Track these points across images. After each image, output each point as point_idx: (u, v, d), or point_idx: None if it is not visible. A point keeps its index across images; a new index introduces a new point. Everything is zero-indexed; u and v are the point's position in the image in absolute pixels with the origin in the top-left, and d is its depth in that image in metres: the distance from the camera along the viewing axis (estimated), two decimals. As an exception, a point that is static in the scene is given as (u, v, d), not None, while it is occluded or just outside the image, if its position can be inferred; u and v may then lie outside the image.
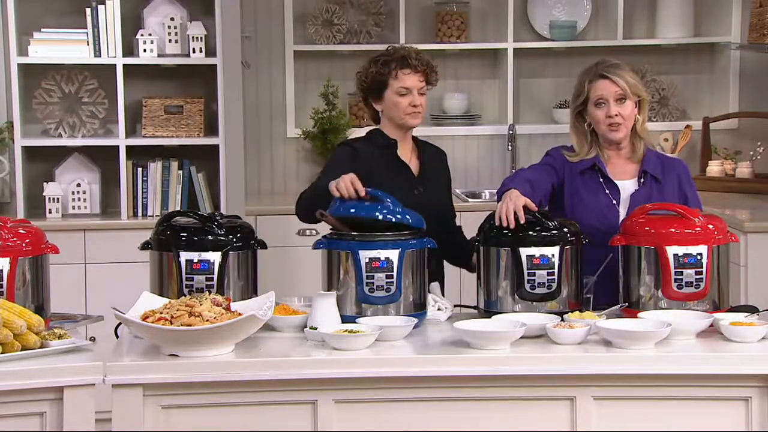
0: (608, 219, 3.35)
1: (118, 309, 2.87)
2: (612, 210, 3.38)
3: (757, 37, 5.16)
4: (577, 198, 3.40)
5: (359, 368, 2.83)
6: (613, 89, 3.34)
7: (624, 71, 3.37)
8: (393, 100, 3.44)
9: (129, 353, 2.89)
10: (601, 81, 3.36)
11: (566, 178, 3.42)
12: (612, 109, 3.35)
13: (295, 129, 5.58)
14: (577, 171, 3.42)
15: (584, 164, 3.42)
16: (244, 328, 2.84)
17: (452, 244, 3.46)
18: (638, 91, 3.37)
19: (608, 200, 3.39)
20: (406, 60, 3.42)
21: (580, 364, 2.85)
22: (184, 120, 4.99)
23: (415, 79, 3.43)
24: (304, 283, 4.52)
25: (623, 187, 3.41)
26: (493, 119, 5.71)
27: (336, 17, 5.54)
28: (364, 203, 3.13)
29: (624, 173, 3.43)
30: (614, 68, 3.37)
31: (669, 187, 3.41)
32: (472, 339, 2.90)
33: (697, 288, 3.06)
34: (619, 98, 3.34)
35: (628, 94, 3.34)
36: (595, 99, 3.36)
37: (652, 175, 3.41)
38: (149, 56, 4.92)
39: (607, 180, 3.41)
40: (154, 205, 4.96)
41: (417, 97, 3.43)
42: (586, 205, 3.38)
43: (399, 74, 3.42)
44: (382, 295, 3.05)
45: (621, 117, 3.35)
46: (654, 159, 3.43)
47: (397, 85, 3.42)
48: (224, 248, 3.09)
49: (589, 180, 3.41)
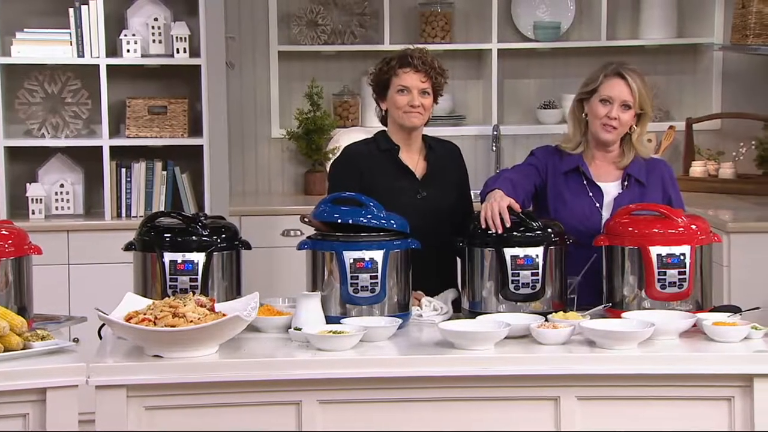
0: (591, 222, 3.36)
1: (101, 310, 2.86)
2: (595, 213, 3.39)
3: (739, 38, 5.18)
4: (560, 200, 3.40)
5: (344, 369, 2.83)
6: (624, 94, 3.33)
7: (641, 81, 3.36)
8: (393, 99, 3.44)
9: (112, 354, 2.88)
10: (617, 79, 3.35)
11: (549, 178, 3.43)
12: (613, 111, 3.35)
13: (279, 129, 5.58)
14: (560, 172, 3.43)
15: (568, 165, 3.43)
16: (228, 329, 2.84)
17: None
18: (644, 104, 3.37)
19: (591, 203, 3.40)
20: (406, 58, 3.43)
21: (564, 365, 2.86)
22: (168, 120, 4.98)
23: (416, 79, 3.42)
24: (289, 283, 4.51)
25: (606, 190, 3.42)
26: (477, 120, 5.72)
27: (320, 18, 5.54)
28: (348, 208, 3.13)
29: (608, 175, 3.43)
30: (634, 74, 3.37)
31: (653, 190, 3.42)
32: (456, 339, 2.91)
33: (680, 288, 3.08)
34: (625, 104, 3.35)
35: (635, 103, 3.34)
36: (605, 95, 3.35)
37: (635, 179, 3.42)
38: (133, 56, 4.91)
39: (590, 183, 3.42)
40: (138, 206, 4.94)
41: (417, 97, 3.42)
42: (570, 208, 3.38)
43: (399, 72, 3.42)
44: (366, 295, 3.05)
45: (618, 121, 3.36)
46: (638, 162, 3.44)
47: (397, 83, 3.42)
48: (208, 249, 3.09)
49: (573, 182, 3.42)
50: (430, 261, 3.28)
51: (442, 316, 3.21)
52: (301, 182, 5.61)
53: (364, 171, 3.43)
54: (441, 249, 3.34)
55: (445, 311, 3.24)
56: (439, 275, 3.42)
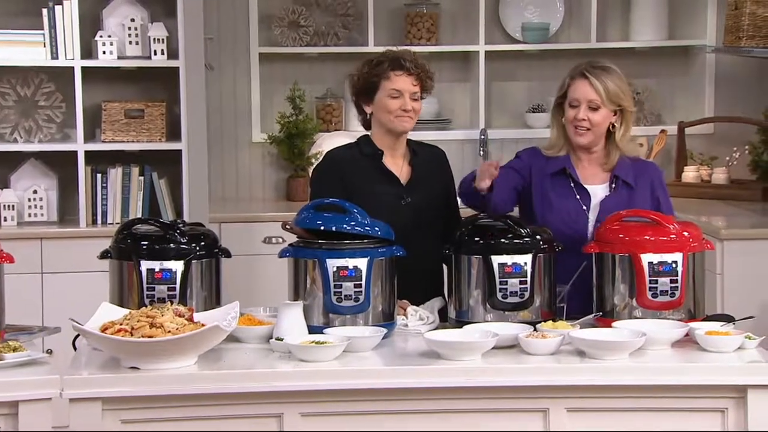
0: (577, 225, 3.37)
1: (76, 320, 2.86)
2: (581, 216, 3.41)
3: (732, 40, 5.21)
4: (546, 202, 3.42)
5: (327, 380, 2.83)
6: (589, 94, 3.36)
7: (610, 76, 3.38)
8: (383, 103, 3.43)
9: (87, 366, 2.87)
10: (581, 81, 3.38)
11: (534, 181, 3.44)
12: (581, 113, 3.37)
13: (260, 133, 5.58)
14: (547, 174, 3.45)
15: (554, 167, 3.45)
16: (207, 339, 2.83)
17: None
18: (619, 100, 3.39)
19: (578, 206, 3.42)
20: (399, 61, 3.42)
21: (553, 375, 2.87)
22: (145, 124, 4.97)
23: (408, 82, 3.43)
24: (270, 292, 4.51)
25: (594, 192, 3.43)
26: (464, 124, 5.73)
27: (302, 19, 5.54)
28: (331, 215, 3.13)
29: (595, 177, 3.45)
30: (600, 71, 3.38)
31: (641, 192, 3.44)
32: (442, 350, 2.91)
33: (672, 297, 3.09)
34: (591, 104, 3.37)
35: (603, 101, 3.36)
36: (571, 98, 3.39)
37: (623, 181, 3.44)
38: (109, 58, 4.90)
39: (577, 185, 3.43)
40: (114, 213, 4.93)
41: (409, 102, 3.43)
42: (556, 211, 3.40)
43: (391, 75, 3.41)
44: (350, 304, 3.05)
45: (589, 122, 3.38)
46: (626, 164, 3.45)
47: (389, 87, 3.42)
48: (187, 257, 3.08)
49: (559, 184, 3.44)
50: (415, 269, 3.28)
51: (428, 325, 3.21)
52: (282, 188, 5.61)
53: (347, 176, 3.44)
54: (427, 256, 3.35)
55: (431, 321, 3.24)
56: (424, 283, 3.43)
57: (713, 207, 5.17)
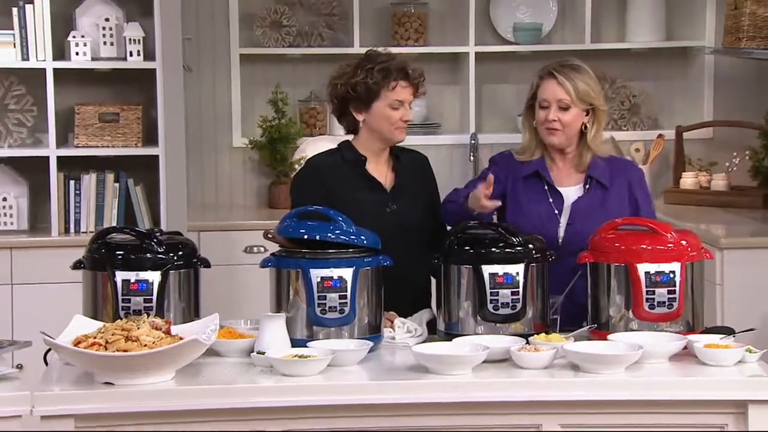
0: (547, 228, 3.39)
1: (47, 334, 2.85)
2: (552, 220, 3.43)
3: (732, 41, 5.23)
4: (516, 205, 3.45)
5: (310, 396, 2.83)
6: (558, 94, 3.39)
7: (579, 75, 3.41)
8: (384, 113, 3.43)
9: (59, 382, 2.87)
10: (549, 81, 3.42)
11: (509, 185, 3.47)
12: (551, 113, 3.40)
13: (241, 138, 5.58)
14: (520, 177, 3.47)
15: (528, 170, 3.47)
16: (185, 353, 2.83)
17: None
18: (590, 99, 3.42)
19: (550, 209, 3.44)
20: (406, 72, 3.43)
21: (547, 390, 2.87)
22: (120, 129, 4.97)
23: (410, 93, 3.45)
24: (251, 304, 4.51)
25: (567, 194, 3.46)
26: (453, 128, 5.75)
27: (285, 18, 5.55)
28: (315, 223, 3.13)
29: (569, 179, 3.48)
30: (569, 70, 3.42)
31: (616, 192, 3.46)
32: (431, 364, 2.92)
33: (669, 308, 3.10)
34: (561, 103, 3.39)
35: (573, 100, 3.39)
36: (541, 99, 3.42)
37: (597, 181, 3.46)
38: (82, 60, 4.90)
39: (551, 188, 3.46)
40: (88, 221, 4.92)
41: (408, 111, 3.45)
42: (527, 215, 3.42)
43: (397, 87, 3.41)
44: (334, 316, 3.05)
45: (560, 123, 3.41)
46: (601, 163, 3.48)
47: (393, 98, 3.42)
48: (164, 267, 3.08)
49: (532, 188, 3.46)
50: (402, 279, 3.29)
51: (416, 338, 3.22)
52: (264, 195, 5.61)
53: (329, 184, 3.44)
54: (414, 266, 3.36)
55: (420, 333, 3.25)
56: (412, 294, 3.43)
57: (712, 214, 5.19)
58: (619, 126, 5.71)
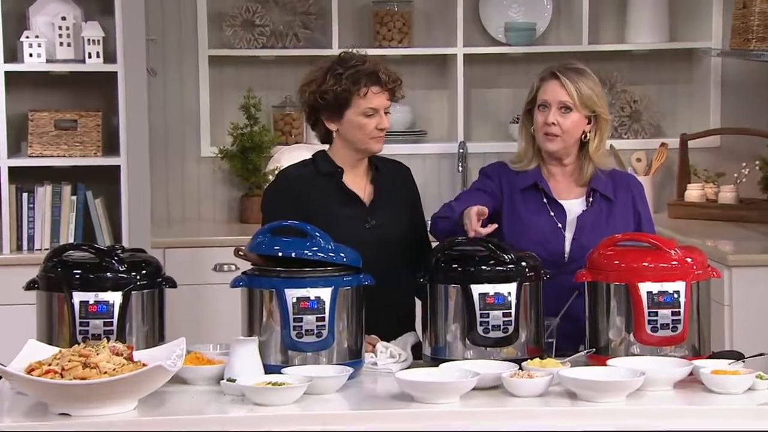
0: (553, 245, 3.41)
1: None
2: (557, 235, 3.44)
3: (740, 43, 5.27)
4: (516, 220, 3.45)
5: (285, 426, 2.83)
6: (559, 95, 3.41)
7: (584, 79, 3.44)
8: (357, 122, 3.42)
9: (10, 413, 2.86)
10: (551, 82, 3.44)
11: (505, 198, 3.47)
12: (550, 116, 3.42)
13: (210, 147, 5.58)
14: (517, 188, 3.48)
15: (525, 181, 3.48)
16: (149, 381, 2.83)
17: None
18: (592, 105, 3.44)
19: (553, 224, 3.45)
20: (377, 76, 3.40)
21: (541, 420, 2.88)
22: (78, 137, 4.97)
23: (383, 98, 3.43)
24: (221, 327, 4.51)
25: (569, 208, 3.47)
26: (441, 136, 5.77)
27: (258, 17, 5.56)
28: (290, 239, 3.13)
29: (570, 192, 3.50)
30: (572, 72, 3.45)
31: (621, 206, 3.48)
32: (416, 391, 2.92)
33: (674, 331, 3.11)
34: (563, 107, 3.41)
35: (575, 104, 3.41)
36: (540, 100, 3.44)
37: (601, 194, 3.48)
38: (36, 62, 4.89)
39: (551, 200, 3.47)
40: (43, 237, 4.91)
41: (384, 119, 3.44)
42: (527, 229, 3.43)
43: (369, 93, 3.40)
44: (311, 340, 3.05)
45: (559, 128, 3.42)
46: (603, 176, 3.50)
47: (365, 105, 3.40)
48: (126, 287, 3.08)
49: (531, 200, 3.47)
50: (385, 300, 3.29)
51: (400, 364, 3.22)
52: (235, 208, 5.61)
53: (303, 198, 3.44)
54: (397, 285, 3.36)
55: (404, 358, 3.25)
56: (396, 316, 3.44)
57: (720, 229, 5.21)
58: (620, 134, 5.74)
